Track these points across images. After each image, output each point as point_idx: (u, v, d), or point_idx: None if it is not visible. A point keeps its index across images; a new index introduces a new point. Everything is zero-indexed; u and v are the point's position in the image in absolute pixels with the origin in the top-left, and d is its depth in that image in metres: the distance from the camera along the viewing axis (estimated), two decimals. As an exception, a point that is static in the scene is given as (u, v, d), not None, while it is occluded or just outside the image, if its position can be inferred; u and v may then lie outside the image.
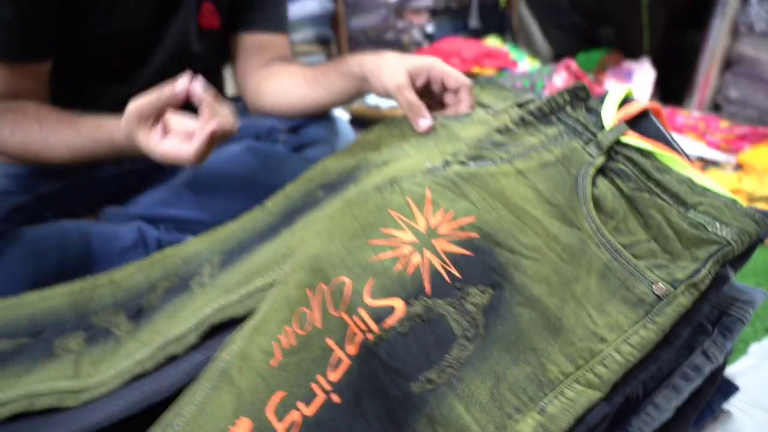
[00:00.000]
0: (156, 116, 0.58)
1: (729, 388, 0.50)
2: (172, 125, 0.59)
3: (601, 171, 0.46)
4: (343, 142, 0.87)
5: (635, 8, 1.56)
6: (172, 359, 0.48)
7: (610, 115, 0.49)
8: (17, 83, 0.68)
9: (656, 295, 0.40)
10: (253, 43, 0.86)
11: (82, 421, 0.46)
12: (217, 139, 0.57)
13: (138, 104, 0.57)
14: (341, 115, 1.07)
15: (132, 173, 0.87)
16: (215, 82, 0.97)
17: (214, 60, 0.86)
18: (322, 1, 1.64)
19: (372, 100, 1.41)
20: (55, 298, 0.61)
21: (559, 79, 1.50)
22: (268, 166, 0.81)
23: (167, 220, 0.81)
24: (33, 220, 0.72)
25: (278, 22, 0.87)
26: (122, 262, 0.71)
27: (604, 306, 0.40)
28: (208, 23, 0.80)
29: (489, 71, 1.68)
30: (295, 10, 1.55)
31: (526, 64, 1.89)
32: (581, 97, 0.51)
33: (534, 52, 2.13)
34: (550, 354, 0.38)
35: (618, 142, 0.46)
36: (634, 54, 1.69)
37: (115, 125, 0.62)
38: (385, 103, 1.40)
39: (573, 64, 1.57)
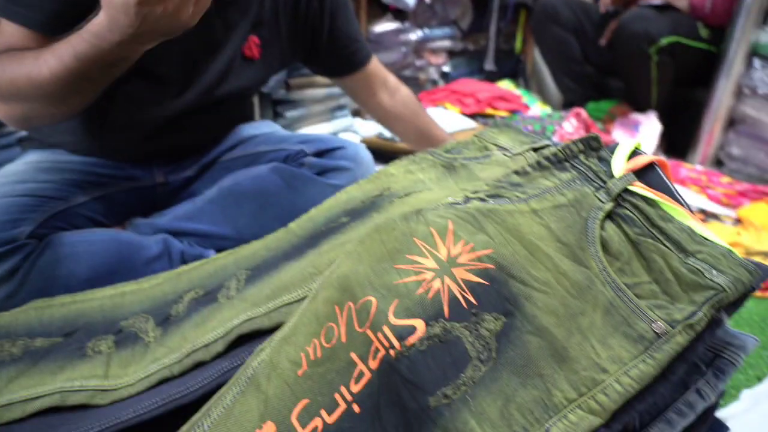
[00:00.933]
0: None
1: (719, 428, 0.53)
2: None
3: (609, 216, 0.50)
4: (364, 170, 0.92)
5: (645, 65, 1.63)
6: (199, 365, 0.52)
7: (620, 165, 0.53)
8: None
9: (656, 332, 0.43)
10: (359, 78, 1.03)
11: (111, 419, 0.48)
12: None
13: None
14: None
15: (162, 186, 0.92)
16: (246, 104, 1.03)
17: (249, 86, 0.93)
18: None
19: (388, 132, 1.47)
20: (87, 301, 0.64)
21: (569, 125, 1.55)
22: (292, 186, 0.86)
23: (191, 234, 0.85)
24: (69, 226, 0.76)
25: (365, 51, 1.02)
26: (148, 272, 0.75)
27: (607, 340, 0.44)
28: (250, 53, 0.88)
29: (502, 113, 1.74)
30: (319, 44, 1.62)
31: (537, 108, 1.96)
32: (594, 147, 0.56)
33: (545, 98, 2.21)
34: (555, 380, 0.41)
35: (626, 191, 0.51)
36: (641, 107, 1.76)
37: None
38: (400, 138, 1.46)
39: (583, 112, 1.63)
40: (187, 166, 0.94)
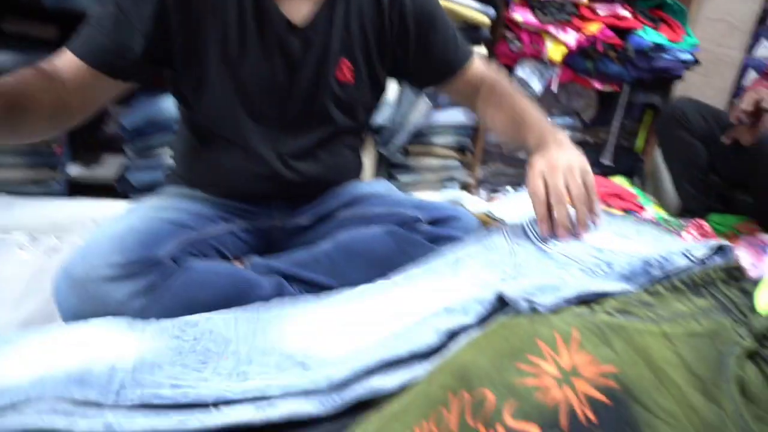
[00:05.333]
0: None
1: None
2: None
3: (750, 355, 0.47)
4: None
5: (784, 186, 1.53)
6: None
7: (766, 301, 0.50)
8: (74, 77, 0.74)
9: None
10: (458, 83, 1.00)
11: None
12: None
13: None
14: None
15: (278, 230, 0.98)
16: (353, 144, 1.04)
17: (352, 112, 0.95)
18: (468, 113, 1.77)
19: (497, 212, 1.47)
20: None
21: (690, 237, 1.47)
22: (405, 251, 0.88)
23: (302, 281, 0.89)
24: (199, 254, 0.83)
25: (459, 56, 0.99)
26: (259, 310, 0.79)
27: (735, 492, 0.40)
28: (344, 77, 0.90)
29: (615, 211, 1.69)
30: (442, 117, 1.68)
31: (651, 211, 1.88)
32: (736, 277, 0.53)
33: (661, 201, 2.11)
34: None
35: (771, 331, 0.47)
36: (772, 228, 1.64)
37: None
38: (508, 217, 1.46)
39: (706, 225, 1.55)
40: (303, 212, 0.99)
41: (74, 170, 1.51)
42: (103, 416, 0.50)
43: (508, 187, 1.97)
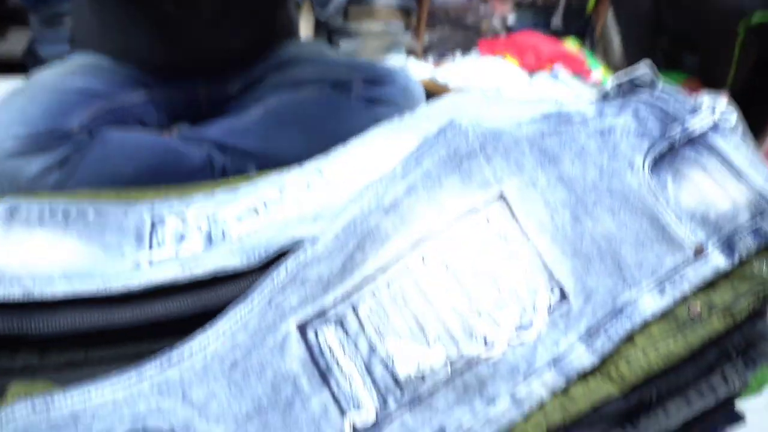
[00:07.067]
0: None
1: (735, 417, 0.52)
2: None
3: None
4: (412, 106, 0.89)
5: (729, 42, 1.52)
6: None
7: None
8: None
9: (691, 313, 0.42)
10: None
11: (144, 311, 0.50)
12: None
13: None
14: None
15: (206, 98, 0.92)
16: (280, 16, 0.96)
17: None
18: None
19: (442, 77, 1.43)
20: (131, 199, 0.65)
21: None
22: (338, 116, 0.85)
23: (234, 149, 0.86)
24: (118, 124, 0.77)
25: None
26: (188, 181, 0.76)
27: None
28: None
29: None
30: (385, -24, 1.57)
31: (599, 74, 1.87)
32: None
33: (610, 64, 2.10)
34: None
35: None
36: (714, 86, 1.66)
37: None
38: (453, 82, 1.42)
39: (648, 83, 1.55)
40: (230, 79, 0.93)
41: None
42: (20, 282, 0.48)
43: (457, 52, 1.91)
